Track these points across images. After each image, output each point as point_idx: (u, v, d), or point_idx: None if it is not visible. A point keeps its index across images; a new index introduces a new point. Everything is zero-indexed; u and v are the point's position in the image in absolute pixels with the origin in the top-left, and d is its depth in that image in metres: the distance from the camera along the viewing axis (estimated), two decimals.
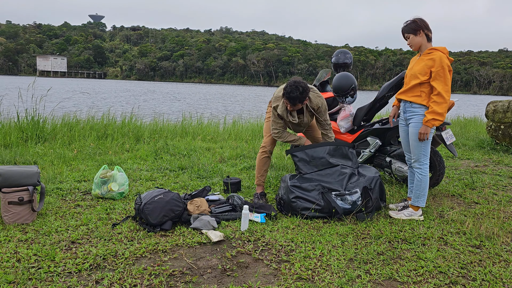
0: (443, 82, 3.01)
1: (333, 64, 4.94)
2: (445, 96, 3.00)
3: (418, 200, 3.27)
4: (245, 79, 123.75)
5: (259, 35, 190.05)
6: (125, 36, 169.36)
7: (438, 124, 3.03)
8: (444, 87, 3.00)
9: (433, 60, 3.03)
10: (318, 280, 2.25)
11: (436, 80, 3.03)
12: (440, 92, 3.00)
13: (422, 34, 3.12)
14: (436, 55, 3.04)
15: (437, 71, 3.01)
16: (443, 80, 3.01)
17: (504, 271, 2.41)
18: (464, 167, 5.51)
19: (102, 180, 3.59)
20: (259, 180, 3.77)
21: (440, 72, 3.01)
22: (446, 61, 3.02)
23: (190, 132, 7.54)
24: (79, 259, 2.39)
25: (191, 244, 2.68)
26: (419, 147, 3.21)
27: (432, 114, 3.03)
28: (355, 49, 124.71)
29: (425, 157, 3.24)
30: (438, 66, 3.01)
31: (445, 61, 3.01)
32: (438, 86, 3.01)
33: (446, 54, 3.08)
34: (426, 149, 3.21)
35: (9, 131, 5.74)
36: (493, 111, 6.96)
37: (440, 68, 3.00)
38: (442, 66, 3.00)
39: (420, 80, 3.09)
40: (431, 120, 3.04)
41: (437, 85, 3.01)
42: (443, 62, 3.01)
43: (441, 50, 3.08)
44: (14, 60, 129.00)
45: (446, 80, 3.01)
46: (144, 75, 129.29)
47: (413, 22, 3.13)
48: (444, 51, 3.09)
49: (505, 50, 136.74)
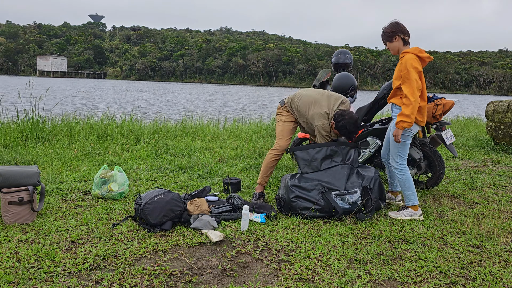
0: (408, 84, 3.03)
1: (333, 64, 4.94)
2: (410, 98, 3.00)
3: (409, 200, 3.28)
4: (245, 79, 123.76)
5: (259, 35, 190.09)
6: (125, 36, 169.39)
7: (408, 126, 3.04)
8: (409, 89, 3.01)
9: (401, 63, 3.09)
10: (318, 280, 2.25)
11: (403, 83, 3.07)
12: (406, 94, 3.02)
13: (398, 38, 3.17)
14: (404, 58, 3.09)
15: (403, 74, 3.06)
16: (408, 82, 3.03)
17: (504, 271, 2.41)
18: (464, 167, 5.52)
19: (102, 180, 3.59)
20: (263, 180, 3.76)
21: (406, 75, 3.04)
22: (411, 63, 3.03)
23: (190, 132, 7.54)
24: (79, 259, 2.39)
25: (191, 244, 2.68)
26: (395, 148, 3.26)
27: (400, 116, 3.06)
28: (355, 49, 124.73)
29: (401, 158, 3.27)
30: (404, 69, 3.05)
31: (410, 63, 3.03)
32: (405, 89, 3.04)
33: (416, 54, 3.08)
34: (403, 150, 3.25)
35: (9, 131, 5.73)
36: (493, 111, 6.96)
37: (406, 71, 3.04)
38: (406, 68, 3.03)
39: (396, 84, 3.17)
40: (400, 122, 3.06)
41: (404, 88, 3.06)
42: (408, 64, 3.03)
43: (411, 52, 3.09)
44: (14, 60, 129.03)
45: (411, 82, 3.01)
46: (144, 75, 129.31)
47: (387, 27, 3.20)
48: (414, 51, 3.10)
49: (505, 50, 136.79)
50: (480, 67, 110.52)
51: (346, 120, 3.44)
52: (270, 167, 3.75)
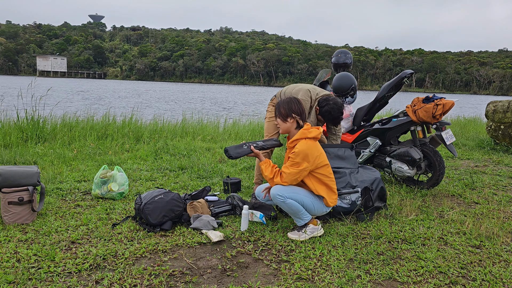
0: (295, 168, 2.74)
1: (333, 64, 4.94)
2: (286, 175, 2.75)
3: (301, 219, 2.84)
4: (245, 79, 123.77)
5: (259, 35, 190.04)
6: (125, 36, 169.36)
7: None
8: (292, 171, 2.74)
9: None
10: (318, 280, 2.25)
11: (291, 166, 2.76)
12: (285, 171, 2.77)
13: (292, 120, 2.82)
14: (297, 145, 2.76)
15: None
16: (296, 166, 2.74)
17: (504, 271, 2.41)
18: (464, 167, 5.51)
19: (102, 180, 3.59)
20: (258, 178, 3.79)
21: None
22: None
23: (190, 132, 7.54)
24: (79, 259, 2.39)
25: (191, 244, 2.68)
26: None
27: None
28: (355, 49, 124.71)
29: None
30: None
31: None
32: (287, 169, 2.77)
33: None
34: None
35: (9, 131, 5.73)
36: (493, 111, 6.96)
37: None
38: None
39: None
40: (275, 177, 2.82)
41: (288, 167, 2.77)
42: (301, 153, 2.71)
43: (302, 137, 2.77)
44: (14, 60, 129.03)
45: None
46: (144, 75, 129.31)
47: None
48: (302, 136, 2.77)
49: (505, 50, 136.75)
50: (480, 67, 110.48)
51: (330, 105, 3.39)
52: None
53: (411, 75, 4.23)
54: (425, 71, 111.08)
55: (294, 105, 2.82)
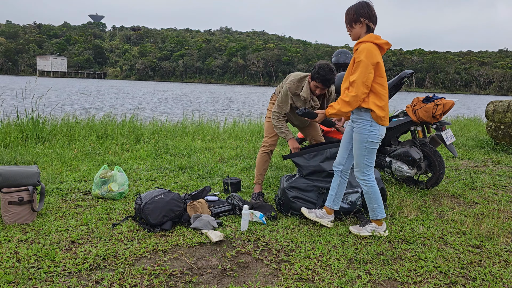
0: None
1: (333, 64, 4.94)
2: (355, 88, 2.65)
3: (375, 213, 2.92)
4: (245, 79, 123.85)
5: (259, 35, 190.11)
6: (125, 36, 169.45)
7: (336, 117, 2.80)
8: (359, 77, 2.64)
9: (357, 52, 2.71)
10: (318, 280, 2.25)
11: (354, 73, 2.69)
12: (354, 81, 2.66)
13: (362, 24, 2.72)
14: (360, 47, 2.68)
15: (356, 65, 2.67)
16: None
17: (504, 271, 2.41)
18: (464, 167, 5.52)
19: (102, 180, 3.59)
20: (258, 178, 3.78)
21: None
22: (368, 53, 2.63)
23: (190, 132, 7.54)
24: (79, 259, 2.39)
25: (191, 244, 2.69)
26: (361, 156, 2.82)
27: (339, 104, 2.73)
28: None
29: (369, 167, 2.84)
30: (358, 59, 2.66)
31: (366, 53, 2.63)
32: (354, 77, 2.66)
33: (373, 42, 2.68)
34: (370, 159, 2.82)
35: (9, 131, 5.73)
36: (493, 111, 6.96)
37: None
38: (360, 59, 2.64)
39: (345, 86, 2.79)
40: (328, 108, 2.83)
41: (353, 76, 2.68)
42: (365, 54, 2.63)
43: (367, 40, 2.69)
44: (14, 60, 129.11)
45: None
46: (144, 75, 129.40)
47: (350, 10, 2.75)
48: (370, 39, 2.68)
49: (505, 50, 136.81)
50: (480, 67, 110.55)
51: (318, 66, 3.30)
52: (262, 164, 3.78)
53: (411, 75, 4.23)
54: (425, 71, 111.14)
55: (362, 9, 2.72)
